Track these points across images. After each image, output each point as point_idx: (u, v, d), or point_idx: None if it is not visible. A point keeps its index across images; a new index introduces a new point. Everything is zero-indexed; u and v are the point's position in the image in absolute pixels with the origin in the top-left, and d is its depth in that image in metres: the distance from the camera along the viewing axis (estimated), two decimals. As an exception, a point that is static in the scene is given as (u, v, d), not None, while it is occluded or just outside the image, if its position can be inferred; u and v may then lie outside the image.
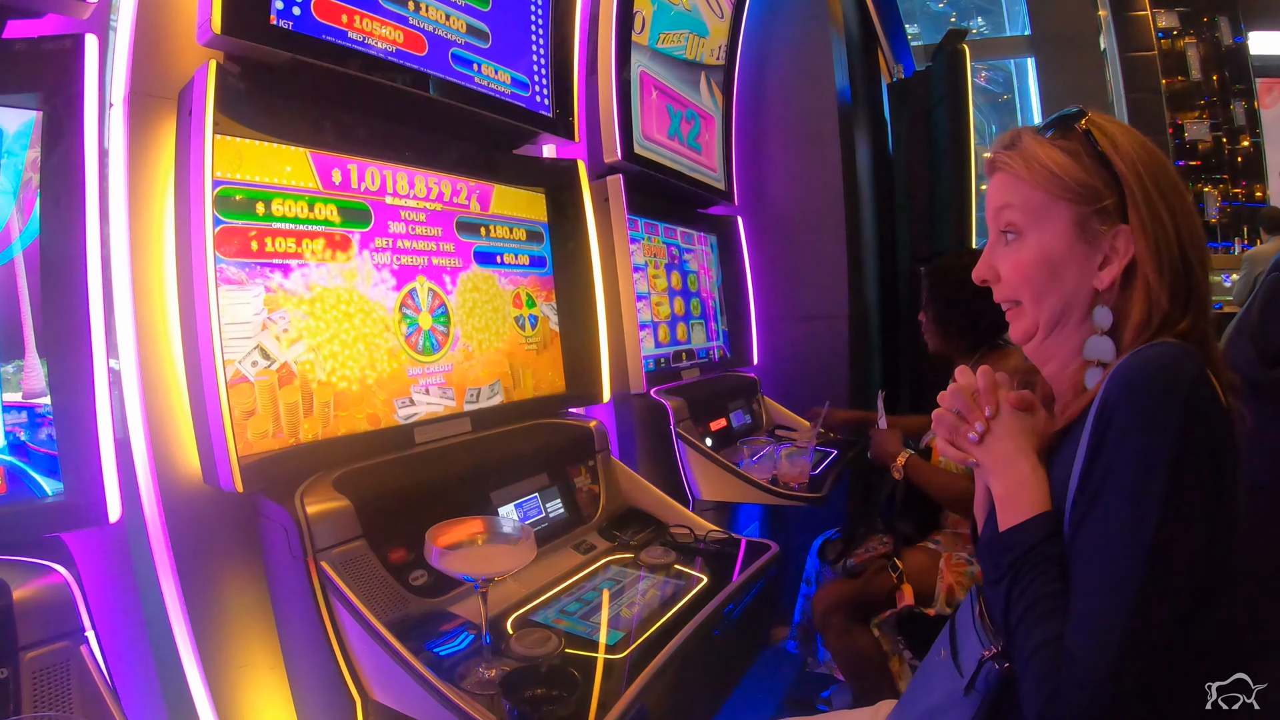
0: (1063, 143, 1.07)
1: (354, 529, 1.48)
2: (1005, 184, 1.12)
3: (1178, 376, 0.92)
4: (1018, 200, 1.10)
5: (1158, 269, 1.00)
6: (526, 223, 2.26)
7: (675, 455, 2.70)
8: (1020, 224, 1.10)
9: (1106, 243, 1.04)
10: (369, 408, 1.72)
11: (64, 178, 1.24)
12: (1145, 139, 1.06)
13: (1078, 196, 1.05)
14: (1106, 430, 0.93)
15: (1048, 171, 1.07)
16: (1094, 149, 1.05)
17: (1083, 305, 1.08)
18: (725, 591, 1.70)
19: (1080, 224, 1.06)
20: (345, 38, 1.62)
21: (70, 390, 1.24)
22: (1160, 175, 1.03)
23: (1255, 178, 8.83)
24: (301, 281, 1.60)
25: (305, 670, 1.56)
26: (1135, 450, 0.91)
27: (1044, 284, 1.09)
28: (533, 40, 2.16)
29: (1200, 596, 0.90)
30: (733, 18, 3.59)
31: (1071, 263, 1.07)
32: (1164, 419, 0.90)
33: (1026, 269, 1.10)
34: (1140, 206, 1.01)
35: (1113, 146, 1.04)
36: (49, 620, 1.14)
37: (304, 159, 1.63)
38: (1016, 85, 10.47)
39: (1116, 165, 1.03)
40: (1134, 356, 0.97)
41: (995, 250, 1.15)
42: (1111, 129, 1.06)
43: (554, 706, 1.21)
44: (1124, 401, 0.93)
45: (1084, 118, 1.07)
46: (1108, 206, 1.04)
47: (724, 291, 3.72)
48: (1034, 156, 1.08)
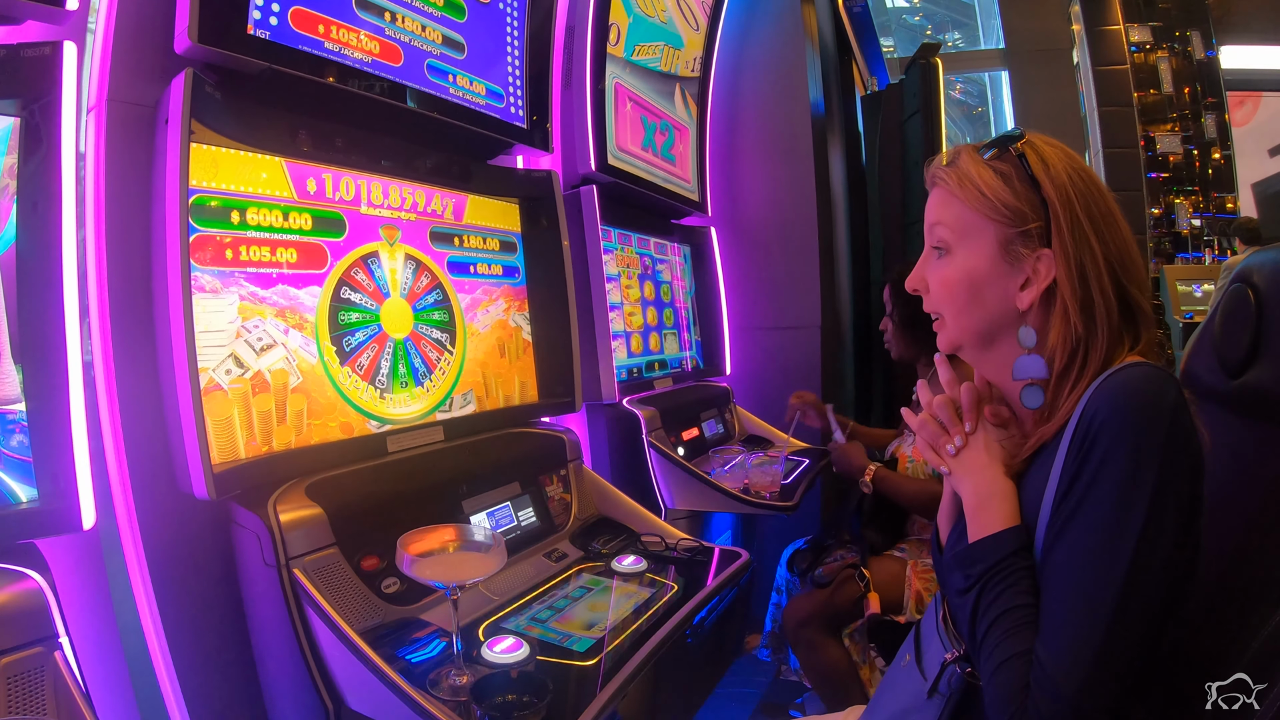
0: (997, 164, 1.08)
1: (327, 537, 1.49)
2: (940, 200, 1.13)
3: (1162, 400, 0.92)
4: (949, 218, 1.11)
5: (1075, 294, 1.01)
6: (500, 233, 2.27)
7: (647, 464, 2.71)
8: (949, 241, 1.12)
9: (1029, 265, 1.05)
10: (342, 416, 1.73)
11: (41, 184, 1.24)
12: (1084, 166, 1.07)
13: (1004, 218, 1.06)
14: (1089, 449, 0.93)
15: (978, 191, 1.07)
16: (1026, 172, 1.05)
17: (1008, 324, 1.09)
18: (697, 598, 1.72)
19: (1004, 245, 1.06)
20: (322, 48, 1.63)
21: (45, 396, 1.24)
22: (1093, 202, 1.03)
23: (1226, 190, 8.93)
24: (275, 290, 1.61)
25: (279, 678, 1.55)
26: (1119, 471, 0.91)
27: (966, 301, 1.10)
28: (508, 52, 2.18)
29: (1169, 613, 0.91)
30: (708, 30, 3.62)
31: (994, 282, 1.08)
32: (1150, 442, 0.90)
33: (950, 285, 1.11)
34: (1064, 231, 1.02)
35: (1045, 171, 1.04)
36: (23, 626, 1.14)
37: (279, 168, 1.64)
38: (990, 98, 10.58)
39: (1045, 189, 1.03)
40: (1115, 379, 0.96)
41: (927, 263, 1.16)
42: (1049, 153, 1.06)
43: (524, 712, 1.22)
44: (1109, 422, 0.92)
45: (1021, 140, 1.08)
46: (1032, 230, 1.04)
47: (697, 302, 3.74)
48: (967, 175, 1.09)
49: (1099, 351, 1.02)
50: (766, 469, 2.68)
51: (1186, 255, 8.65)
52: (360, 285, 1.79)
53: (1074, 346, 1.02)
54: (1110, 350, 1.02)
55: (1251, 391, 1.06)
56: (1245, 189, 8.95)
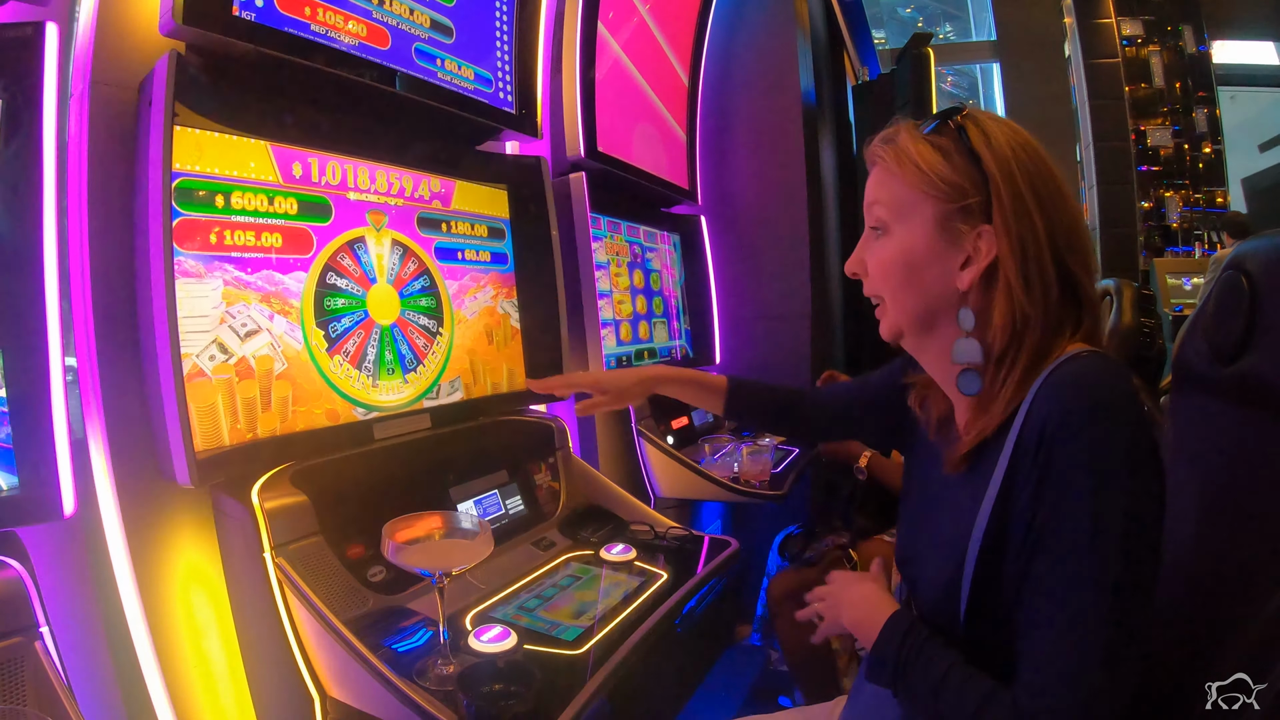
0: (935, 138, 1.04)
1: (311, 525, 1.48)
2: (878, 178, 1.10)
3: (1119, 396, 0.90)
4: (886, 196, 1.08)
5: (1020, 271, 0.98)
6: (488, 219, 2.25)
7: (636, 453, 2.71)
8: (886, 220, 1.08)
9: (969, 243, 1.02)
10: (327, 403, 1.71)
11: (22, 168, 1.22)
12: (1030, 140, 1.03)
13: (942, 194, 1.02)
14: (1049, 458, 0.90)
15: (915, 167, 1.04)
16: (966, 145, 1.01)
17: (948, 306, 1.06)
18: (686, 586, 1.71)
19: (942, 222, 1.03)
20: (308, 30, 1.61)
21: (26, 383, 1.22)
22: (1037, 175, 1.00)
23: (1216, 184, 8.97)
24: (261, 275, 1.59)
25: (263, 667, 1.55)
26: (1089, 483, 0.87)
27: (903, 282, 1.07)
28: (497, 36, 2.16)
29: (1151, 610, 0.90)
30: (699, 18, 3.60)
31: (932, 262, 1.04)
32: (1115, 447, 0.87)
33: (887, 266, 1.08)
34: (1005, 206, 0.98)
35: (985, 143, 1.01)
36: (2, 616, 1.13)
37: (265, 152, 1.62)
38: (981, 90, 10.59)
39: (986, 162, 1.00)
40: (1064, 373, 0.93)
41: (866, 244, 1.13)
42: (991, 126, 1.03)
43: (511, 702, 1.21)
44: (1067, 426, 0.89)
45: (961, 113, 1.05)
46: (972, 205, 1.01)
47: (686, 290, 3.73)
48: (905, 152, 1.06)
49: (1035, 334, 0.98)
50: (757, 458, 2.68)
51: (1176, 249, 8.69)
52: (346, 271, 1.77)
53: (1014, 328, 0.99)
54: (1048, 333, 0.99)
55: (1244, 379, 1.05)
56: (1236, 183, 8.98)
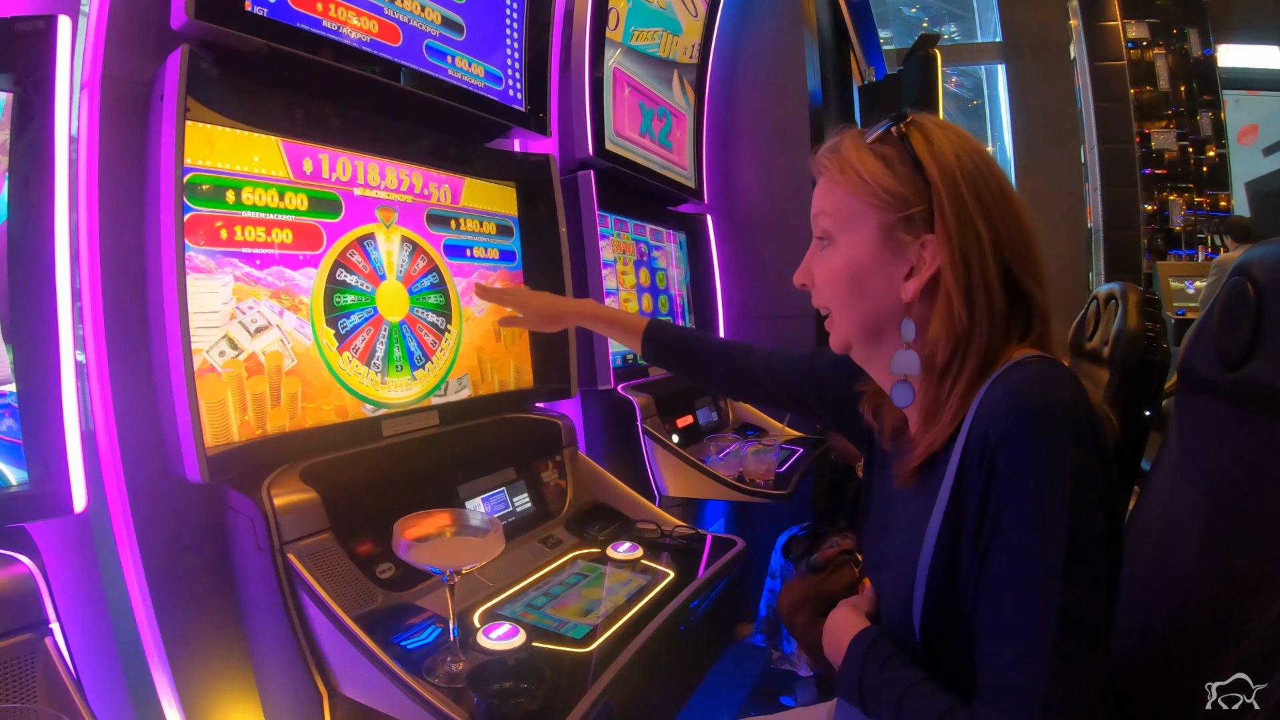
0: (879, 147, 1.02)
1: (321, 521, 1.47)
2: (822, 189, 1.09)
3: (1057, 400, 0.87)
4: (831, 206, 1.07)
5: (962, 281, 0.95)
6: (497, 216, 2.25)
7: (642, 451, 2.70)
8: (831, 230, 1.07)
9: (913, 252, 0.99)
10: (336, 400, 1.71)
11: (34, 161, 1.21)
12: (977, 146, 1.00)
13: (884, 203, 1.00)
14: (992, 468, 0.87)
15: (858, 176, 1.02)
16: (909, 154, 0.99)
17: (895, 318, 1.03)
18: (692, 585, 1.71)
19: (886, 232, 1.01)
20: (320, 26, 1.61)
21: (36, 377, 1.21)
22: (982, 183, 0.97)
23: (1220, 187, 8.93)
24: (271, 271, 1.59)
25: (272, 664, 1.54)
26: (1029, 491, 0.85)
27: (849, 293, 1.06)
28: (507, 34, 2.16)
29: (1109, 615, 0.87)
30: (706, 16, 3.61)
31: (877, 272, 1.02)
32: (1054, 453, 0.85)
33: (833, 277, 1.07)
34: (947, 214, 0.96)
35: (928, 150, 0.98)
36: (13, 612, 1.12)
37: (275, 147, 1.62)
38: (986, 91, 10.55)
39: (929, 171, 0.97)
40: (1004, 382, 0.91)
41: (813, 255, 1.12)
42: (936, 133, 1.00)
43: (521, 700, 1.21)
44: (1007, 435, 0.87)
45: (906, 120, 1.02)
46: (915, 215, 0.98)
47: (692, 289, 3.72)
48: (848, 161, 1.04)
49: (980, 344, 0.96)
50: (762, 457, 2.68)
51: (1179, 252, 8.65)
52: (356, 267, 1.77)
53: (956, 339, 0.96)
54: (993, 344, 0.96)
55: (1250, 384, 1.05)
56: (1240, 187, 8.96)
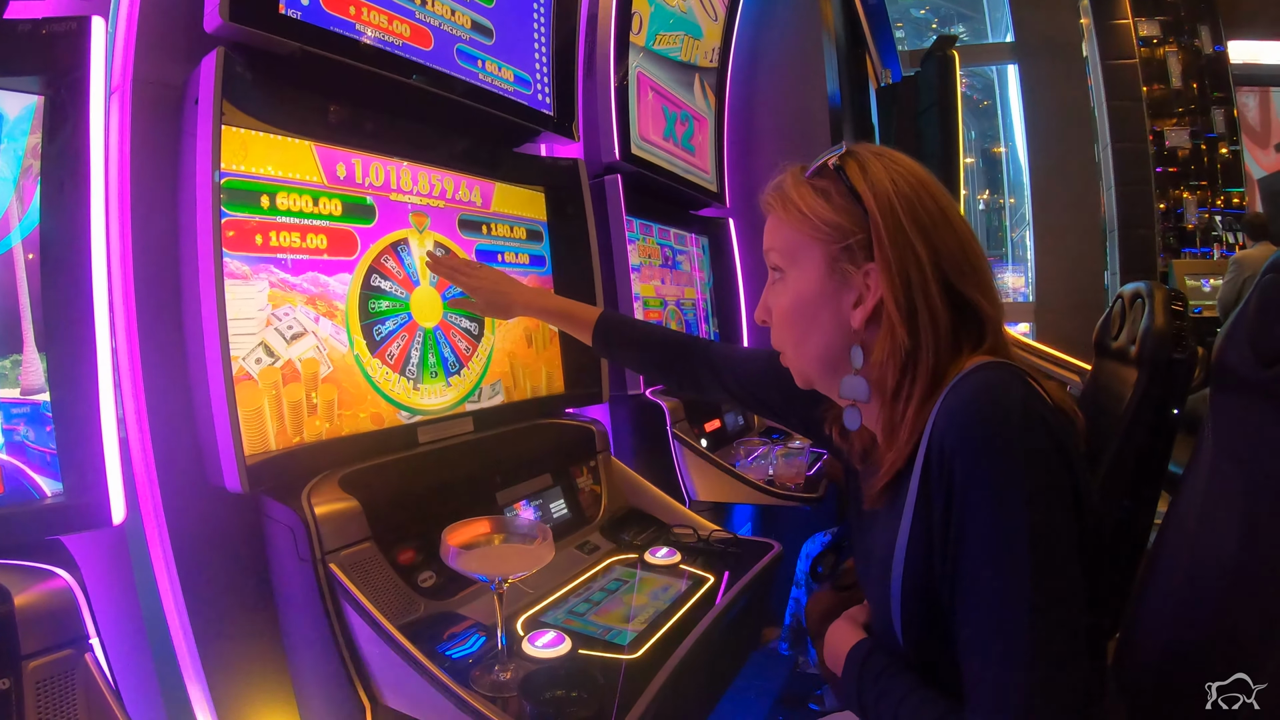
0: (818, 181, 1.04)
1: (363, 530, 1.45)
2: (771, 226, 1.10)
3: (1005, 403, 0.87)
4: (779, 243, 1.08)
5: (902, 303, 0.96)
6: (527, 221, 2.23)
7: (671, 456, 2.68)
8: (781, 265, 1.08)
9: (858, 281, 1.00)
10: (372, 407, 1.69)
11: (67, 165, 1.19)
12: (914, 169, 1.02)
13: (827, 235, 1.02)
14: (949, 480, 0.87)
15: (799, 211, 1.04)
16: (845, 185, 1.01)
17: (848, 347, 1.05)
18: (735, 589, 1.69)
19: (830, 263, 1.02)
20: (353, 29, 1.59)
21: (71, 386, 1.19)
22: (919, 204, 0.98)
23: (1234, 185, 8.89)
24: (306, 277, 1.57)
25: (312, 675, 1.51)
26: (986, 497, 0.85)
27: (801, 326, 1.07)
28: (535, 38, 2.14)
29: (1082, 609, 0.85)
30: (726, 20, 3.60)
31: (825, 303, 1.04)
32: (1006, 455, 0.85)
33: (785, 312, 1.08)
34: (884, 240, 0.97)
35: (864, 180, 0.99)
36: (52, 627, 1.09)
37: (309, 152, 1.60)
38: (997, 92, 10.55)
39: (865, 199, 0.98)
40: (955, 393, 0.91)
41: (769, 291, 1.13)
42: (871, 162, 1.01)
43: (575, 708, 1.19)
44: (961, 444, 0.87)
45: (841, 153, 1.03)
46: (854, 244, 1.00)
47: (715, 293, 3.71)
48: (789, 197, 1.06)
49: (927, 363, 0.96)
50: (792, 460, 2.67)
51: (1194, 250, 8.61)
52: (390, 273, 1.75)
53: (903, 361, 0.97)
54: (941, 360, 0.96)
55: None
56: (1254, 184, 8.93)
